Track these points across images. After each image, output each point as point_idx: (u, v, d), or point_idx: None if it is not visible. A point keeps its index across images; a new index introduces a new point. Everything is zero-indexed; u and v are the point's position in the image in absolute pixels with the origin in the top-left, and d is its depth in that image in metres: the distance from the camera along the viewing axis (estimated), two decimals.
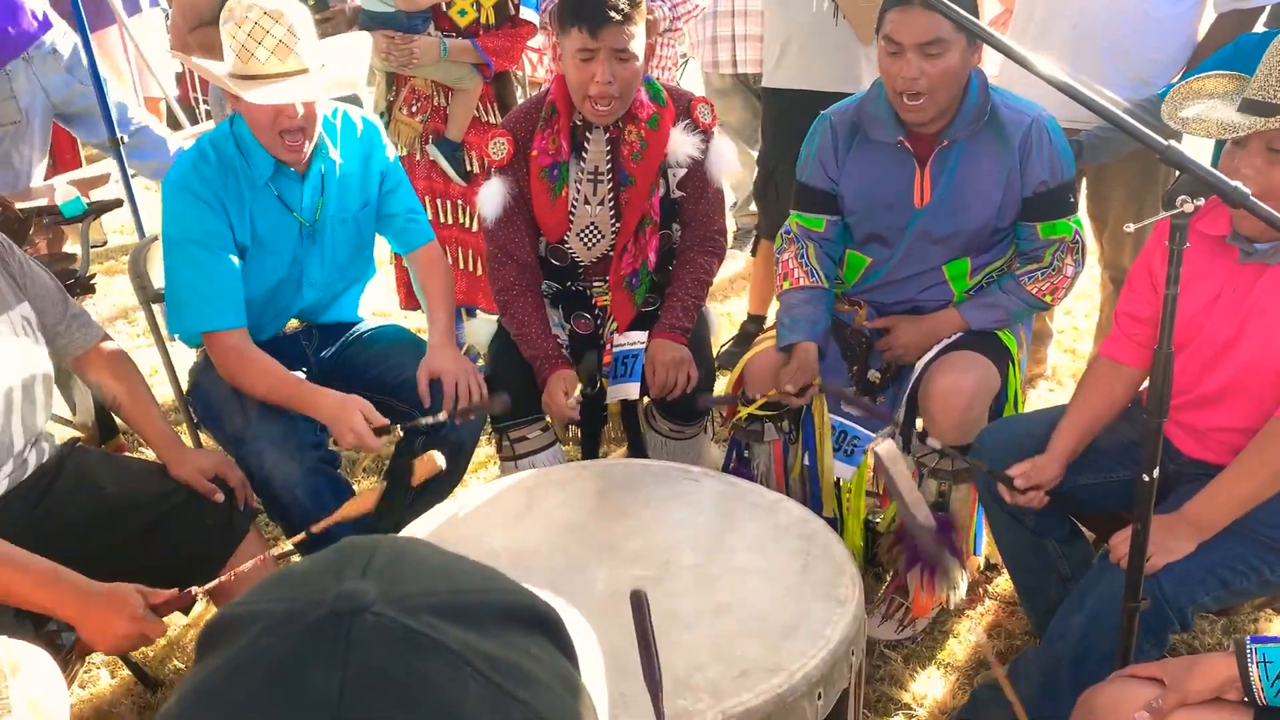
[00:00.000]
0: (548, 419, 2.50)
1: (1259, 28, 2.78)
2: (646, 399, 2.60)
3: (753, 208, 4.19)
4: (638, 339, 2.51)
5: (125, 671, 2.35)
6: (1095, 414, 2.03)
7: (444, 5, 3.07)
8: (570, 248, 2.54)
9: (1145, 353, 2.02)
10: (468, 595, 0.55)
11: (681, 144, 2.44)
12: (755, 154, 3.78)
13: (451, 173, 3.22)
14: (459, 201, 3.30)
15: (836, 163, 2.33)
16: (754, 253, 3.82)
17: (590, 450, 2.65)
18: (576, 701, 0.56)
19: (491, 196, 2.43)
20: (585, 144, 2.43)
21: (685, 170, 2.48)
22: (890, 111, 2.23)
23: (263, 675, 0.50)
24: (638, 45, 2.28)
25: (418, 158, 3.22)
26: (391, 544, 0.57)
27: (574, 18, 2.24)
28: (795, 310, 2.33)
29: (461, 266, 3.33)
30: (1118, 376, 2.02)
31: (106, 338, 2.16)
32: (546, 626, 0.58)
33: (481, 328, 2.54)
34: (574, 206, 2.47)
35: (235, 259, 2.23)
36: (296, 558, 1.98)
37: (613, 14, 2.21)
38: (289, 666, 0.50)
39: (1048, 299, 2.34)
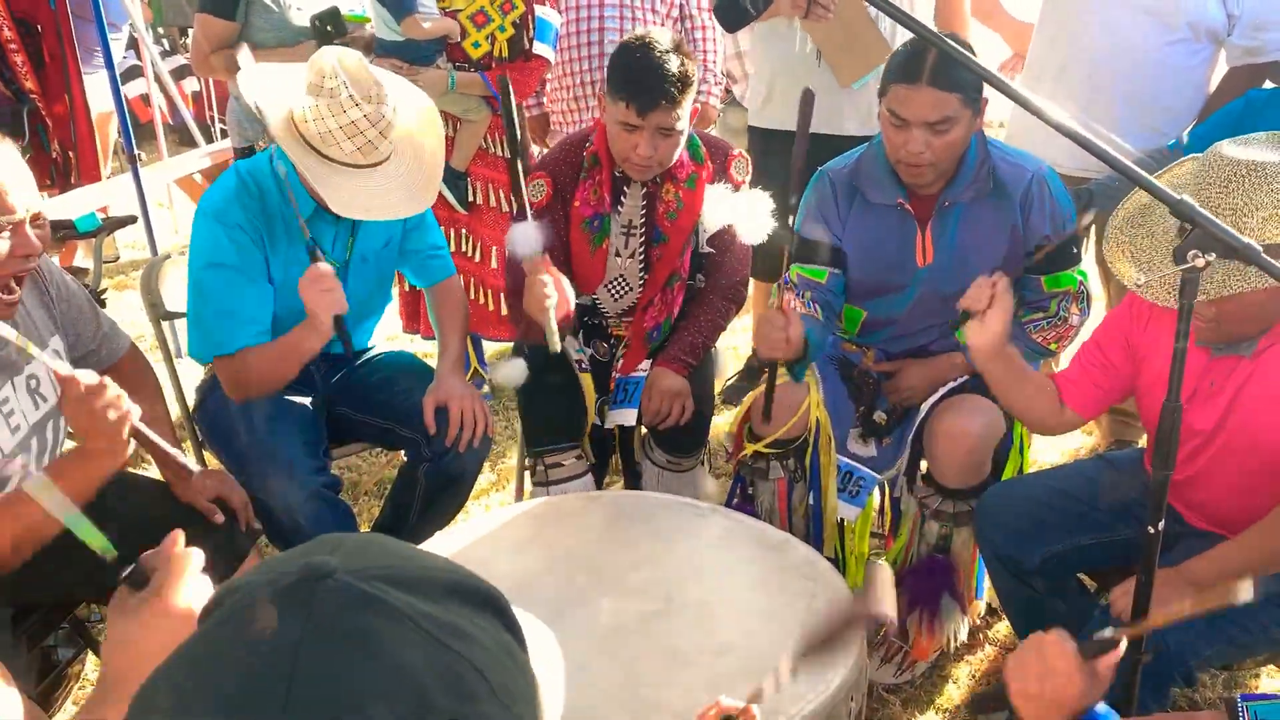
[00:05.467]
0: (582, 446, 2.50)
1: (1268, 82, 2.81)
2: (645, 429, 2.60)
3: None
4: (642, 366, 2.52)
5: None
6: (1020, 387, 2.00)
7: (458, 37, 3.10)
8: (598, 299, 2.55)
9: (1097, 408, 2.03)
10: (419, 571, 0.65)
11: (717, 207, 2.43)
12: None
13: (453, 201, 3.25)
14: (463, 230, 3.33)
15: (839, 220, 2.33)
16: None
17: (597, 480, 2.65)
18: (514, 665, 0.65)
19: (526, 238, 2.37)
20: (623, 196, 2.44)
21: (718, 228, 2.48)
22: (889, 173, 2.22)
23: (240, 625, 0.61)
24: (683, 121, 2.29)
25: None
26: (360, 535, 0.69)
27: (624, 93, 2.23)
28: None
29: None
30: (1056, 407, 2.02)
31: (134, 349, 2.17)
32: (493, 607, 0.68)
33: (511, 372, 2.54)
34: (607, 259, 2.48)
35: (269, 288, 2.23)
36: None
37: (663, 100, 2.21)
38: (261, 618, 0.61)
39: (1053, 347, 2.34)
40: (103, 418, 1.65)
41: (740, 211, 2.44)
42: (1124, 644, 1.27)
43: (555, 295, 2.17)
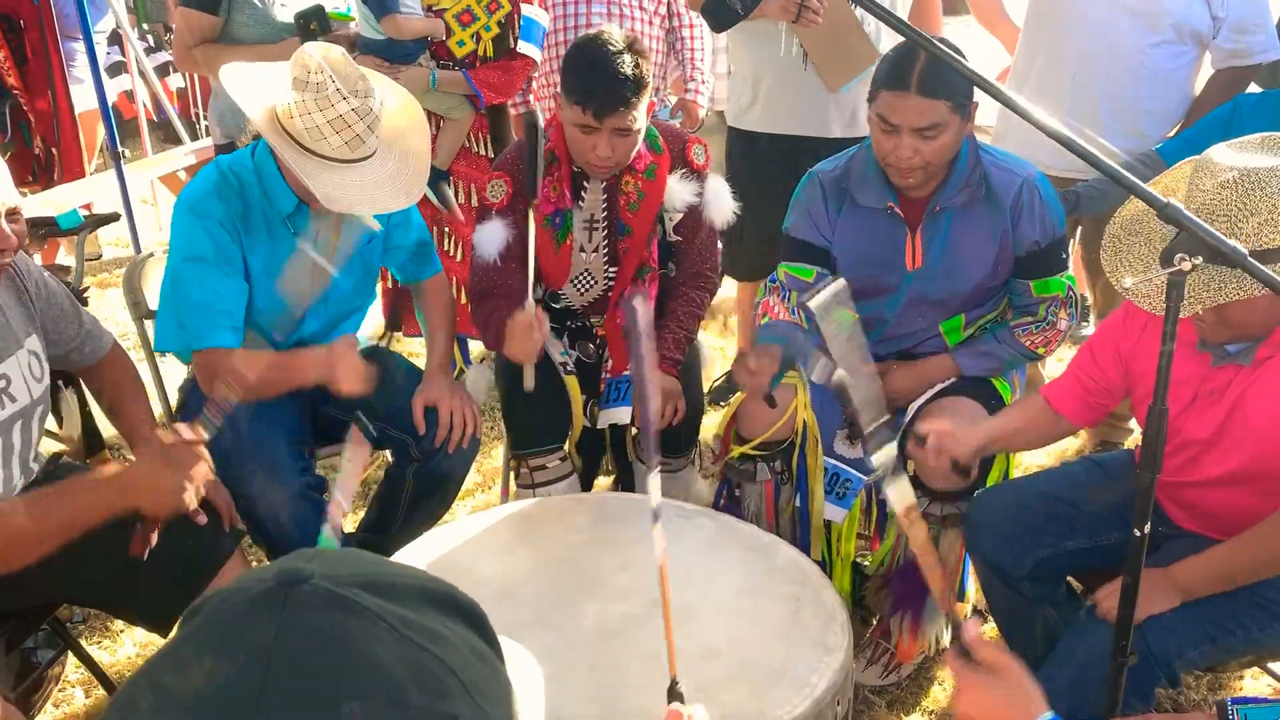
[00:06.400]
0: (566, 448, 2.50)
1: (1252, 86, 2.82)
2: (635, 429, 2.59)
3: None
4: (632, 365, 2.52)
5: (100, 691, 2.32)
6: (1021, 434, 2.07)
7: (442, 36, 3.09)
8: (564, 294, 2.54)
9: (1090, 415, 2.04)
10: (393, 579, 0.66)
11: (679, 192, 2.42)
12: None
13: (434, 200, 3.24)
14: (445, 229, 3.31)
15: (829, 222, 2.33)
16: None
17: (587, 482, 2.64)
18: (487, 667, 0.66)
19: (491, 238, 2.39)
20: (583, 192, 2.43)
21: (682, 215, 2.47)
22: (879, 176, 2.22)
23: (214, 630, 0.62)
24: (640, 121, 2.27)
25: None
26: (333, 550, 0.71)
27: (578, 97, 2.21)
28: (772, 330, 2.31)
29: None
30: (1053, 419, 2.04)
31: (117, 347, 2.15)
32: (467, 615, 0.68)
33: (478, 380, 2.55)
34: (571, 254, 2.46)
35: (245, 283, 2.21)
36: None
37: (619, 105, 2.20)
38: (235, 622, 0.62)
39: (1040, 351, 2.34)
40: (179, 489, 1.70)
41: (702, 196, 2.43)
42: (968, 618, 1.23)
43: (539, 343, 2.24)
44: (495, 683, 0.66)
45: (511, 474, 2.56)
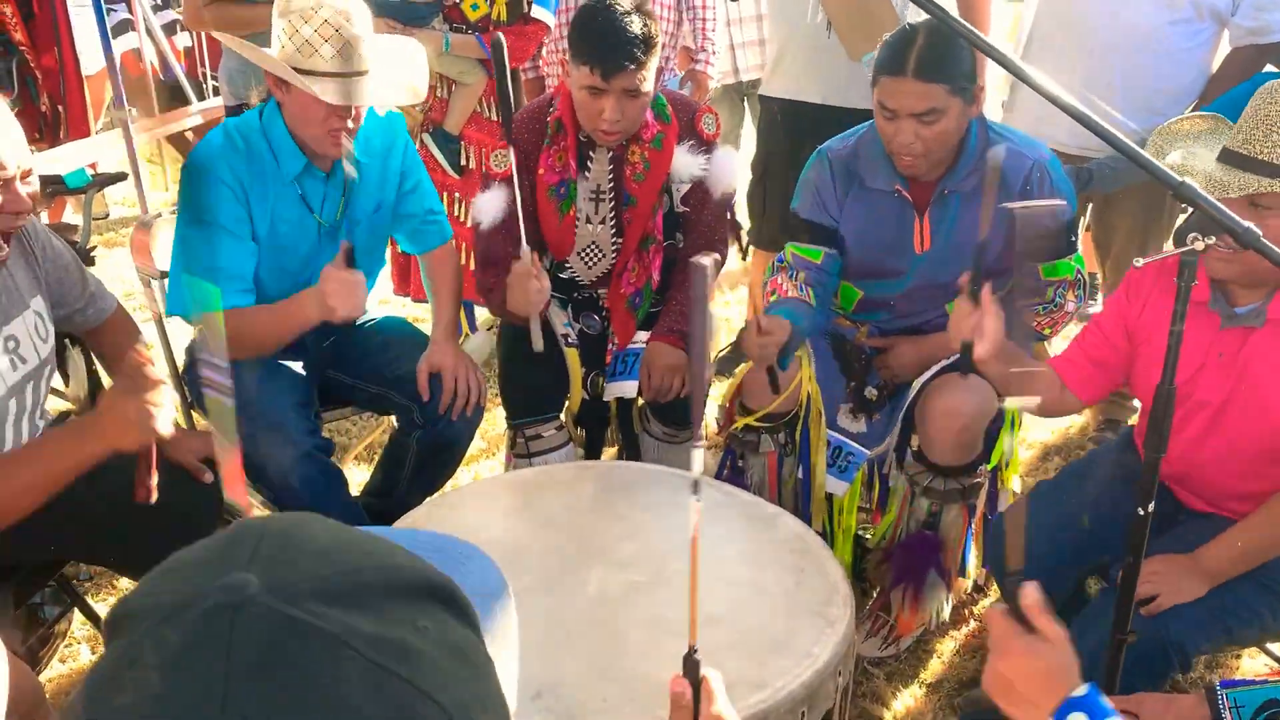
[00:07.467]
0: (562, 418, 2.50)
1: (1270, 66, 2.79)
2: (641, 400, 2.59)
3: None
4: (639, 338, 2.51)
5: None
6: (1025, 390, 2.01)
7: None
8: (571, 266, 2.53)
9: (1096, 392, 2.02)
10: (352, 575, 0.57)
11: (686, 164, 2.40)
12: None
13: (445, 165, 3.22)
14: (455, 195, 3.30)
15: (837, 202, 2.31)
16: (744, 256, 3.83)
17: (593, 451, 2.64)
18: (464, 669, 0.59)
19: (490, 206, 2.37)
20: (589, 162, 2.41)
21: (689, 186, 2.45)
22: (887, 160, 2.21)
23: (155, 667, 0.53)
24: (648, 83, 2.25)
25: (415, 147, 3.22)
26: (281, 527, 0.60)
27: (587, 57, 2.19)
28: (779, 306, 2.28)
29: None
30: (1059, 391, 2.01)
31: (121, 309, 2.16)
32: (439, 597, 0.61)
33: (482, 344, 2.56)
34: (575, 225, 2.45)
35: (254, 244, 2.21)
36: None
37: (628, 63, 2.17)
38: (178, 659, 0.53)
39: (1047, 331, 2.33)
40: (144, 416, 1.64)
41: (707, 166, 2.42)
42: (1032, 589, 1.14)
43: (544, 297, 2.21)
44: (477, 685, 0.60)
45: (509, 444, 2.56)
